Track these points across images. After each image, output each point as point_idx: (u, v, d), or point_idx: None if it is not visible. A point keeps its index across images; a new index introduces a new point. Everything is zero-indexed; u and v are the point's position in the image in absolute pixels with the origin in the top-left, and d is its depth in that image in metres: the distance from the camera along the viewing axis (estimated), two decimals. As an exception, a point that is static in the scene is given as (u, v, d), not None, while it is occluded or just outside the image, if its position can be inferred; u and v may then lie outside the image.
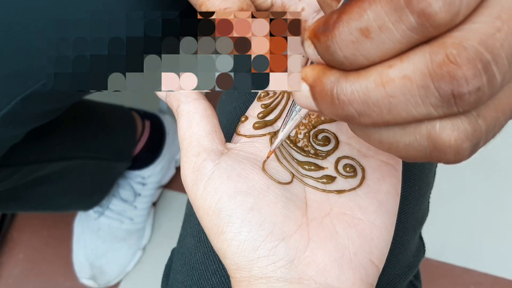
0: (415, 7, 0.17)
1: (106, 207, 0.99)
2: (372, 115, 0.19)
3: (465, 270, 0.96)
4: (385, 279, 0.41)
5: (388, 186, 0.31)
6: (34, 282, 1.02)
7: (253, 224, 0.28)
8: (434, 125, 0.19)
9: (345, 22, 0.18)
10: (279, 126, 0.34)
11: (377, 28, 0.18)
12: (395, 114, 0.19)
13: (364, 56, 0.18)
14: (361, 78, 0.19)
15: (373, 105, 0.19)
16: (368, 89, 0.19)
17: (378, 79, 0.18)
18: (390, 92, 0.18)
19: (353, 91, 0.19)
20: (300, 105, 0.22)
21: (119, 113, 0.95)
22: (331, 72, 0.20)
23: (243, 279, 0.28)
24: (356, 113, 0.19)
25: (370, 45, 0.18)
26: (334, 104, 0.20)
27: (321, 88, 0.20)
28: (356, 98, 0.19)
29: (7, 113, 0.51)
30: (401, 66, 0.18)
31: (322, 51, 0.20)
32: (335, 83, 0.20)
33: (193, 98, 0.32)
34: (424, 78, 0.17)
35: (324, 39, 0.19)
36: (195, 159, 0.30)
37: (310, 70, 0.21)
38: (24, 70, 0.49)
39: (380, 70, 0.18)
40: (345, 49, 0.19)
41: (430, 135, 0.19)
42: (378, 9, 0.17)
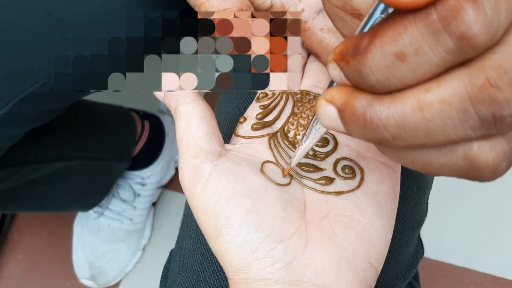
0: (454, 31, 0.16)
1: (106, 207, 0.99)
2: (408, 139, 0.19)
3: (465, 270, 0.96)
4: (384, 280, 0.41)
5: (386, 188, 0.31)
6: (34, 282, 1.02)
7: (251, 226, 0.28)
8: (471, 147, 0.19)
9: (379, 46, 0.18)
10: (278, 128, 0.34)
11: (413, 52, 0.17)
12: (432, 138, 0.18)
13: (399, 79, 0.18)
14: (396, 102, 0.18)
15: (409, 130, 0.18)
16: (404, 114, 0.18)
17: (415, 103, 0.18)
18: (429, 117, 0.18)
19: (388, 115, 0.19)
20: (326, 127, 0.21)
21: (119, 113, 0.95)
22: (362, 96, 0.19)
23: (241, 281, 0.27)
24: (390, 137, 0.19)
25: (405, 69, 0.18)
26: (367, 128, 0.19)
27: (352, 112, 0.20)
28: (392, 122, 0.19)
29: (6, 114, 0.51)
30: (439, 90, 0.18)
31: (351, 75, 0.19)
32: (368, 107, 0.19)
33: (191, 99, 0.32)
34: (464, 102, 0.17)
35: (354, 63, 0.19)
36: (193, 160, 0.30)
37: (337, 93, 0.20)
38: (22, 71, 0.49)
39: (417, 94, 0.18)
40: (378, 73, 0.18)
41: (467, 156, 0.19)
42: (414, 32, 0.17)
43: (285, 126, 0.34)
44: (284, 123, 0.34)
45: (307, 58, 0.38)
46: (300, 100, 0.35)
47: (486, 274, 0.95)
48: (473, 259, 0.97)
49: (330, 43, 0.35)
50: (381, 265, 0.30)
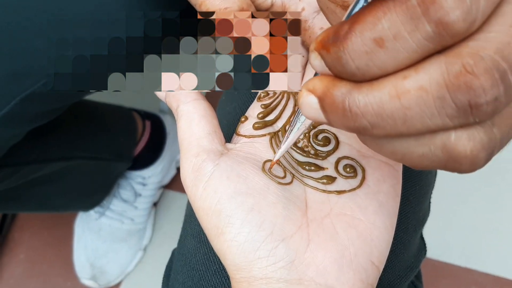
0: (432, 16, 0.16)
1: (107, 207, 0.99)
2: (386, 127, 0.19)
3: (467, 270, 0.96)
4: (386, 279, 0.41)
5: (388, 186, 0.31)
6: (35, 282, 1.02)
7: (253, 225, 0.28)
8: (449, 136, 0.18)
9: (358, 32, 0.18)
10: (279, 127, 0.34)
11: (391, 37, 0.17)
12: (410, 126, 0.18)
13: (378, 66, 0.18)
14: (374, 89, 0.18)
15: (387, 117, 0.18)
16: (382, 101, 0.18)
17: (392, 90, 0.18)
18: (406, 104, 0.18)
19: (366, 103, 0.18)
20: (308, 118, 0.21)
21: (120, 113, 0.95)
22: (341, 84, 0.19)
23: (243, 280, 0.27)
24: (369, 125, 0.19)
25: (384, 55, 0.18)
26: (346, 116, 0.19)
27: (331, 101, 0.20)
28: (370, 110, 0.18)
29: (7, 114, 0.51)
30: (417, 77, 0.17)
31: (331, 63, 0.19)
32: (347, 95, 0.19)
33: (193, 99, 0.32)
34: (441, 89, 0.17)
35: (334, 50, 0.19)
36: (195, 159, 0.30)
37: (318, 82, 0.20)
38: (23, 70, 0.49)
39: (394, 82, 0.18)
40: (357, 59, 0.18)
41: (445, 146, 0.19)
42: (394, 17, 0.17)
43: (286, 125, 0.34)
44: (286, 123, 0.34)
45: (308, 57, 0.38)
46: None
47: (488, 274, 0.95)
48: (475, 259, 0.97)
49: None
50: (383, 264, 0.30)
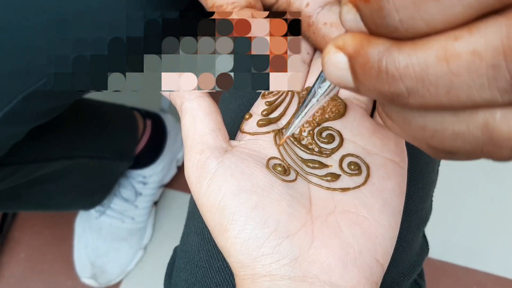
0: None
1: (107, 206, 0.99)
2: (426, 95, 0.16)
3: (468, 269, 0.96)
4: (390, 277, 0.41)
5: (393, 184, 0.31)
6: (35, 281, 1.02)
7: (257, 222, 0.28)
8: (493, 114, 0.16)
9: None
10: (283, 124, 0.34)
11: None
12: (453, 97, 0.16)
13: (426, 20, 0.15)
14: (419, 49, 0.16)
15: (429, 84, 0.16)
16: (427, 64, 0.16)
17: (441, 52, 0.16)
18: (454, 70, 0.15)
19: (407, 64, 0.16)
20: (332, 80, 0.18)
21: (120, 112, 0.95)
22: (379, 41, 0.17)
23: (247, 277, 0.27)
24: (406, 92, 0.17)
25: (435, 7, 0.15)
26: (381, 79, 0.17)
27: (365, 60, 0.17)
28: (411, 73, 0.16)
29: (8, 112, 0.51)
30: (470, 39, 0.15)
31: (370, 15, 0.17)
32: (385, 54, 0.17)
33: (197, 96, 0.32)
34: (497, 56, 0.15)
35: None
36: (199, 156, 0.30)
37: (350, 38, 0.18)
38: (25, 69, 0.49)
39: (444, 42, 0.16)
40: (403, 10, 0.16)
41: (487, 125, 0.16)
42: None
43: (290, 122, 0.34)
44: (290, 120, 0.34)
45: (313, 54, 0.38)
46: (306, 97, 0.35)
47: (489, 274, 0.95)
48: (476, 258, 0.97)
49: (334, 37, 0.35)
50: (387, 262, 0.29)
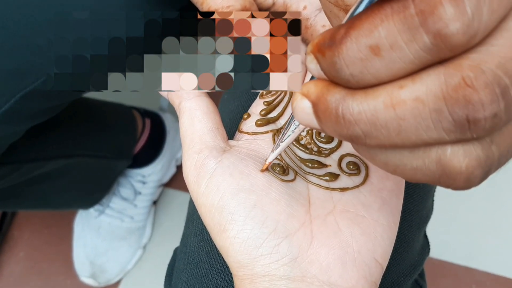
0: (431, 27, 0.15)
1: (107, 206, 0.99)
2: (380, 137, 0.18)
3: (467, 269, 0.96)
4: (391, 277, 0.41)
5: (391, 184, 0.31)
6: (34, 280, 1.02)
7: (256, 222, 0.28)
8: (444, 151, 0.18)
9: (354, 38, 0.17)
10: (282, 124, 0.34)
11: (388, 46, 0.16)
12: (404, 137, 0.18)
13: (373, 74, 0.17)
14: (369, 98, 0.18)
15: (381, 127, 0.18)
16: (376, 110, 0.17)
17: (387, 100, 0.17)
18: (401, 115, 0.17)
19: (360, 111, 0.18)
20: (301, 123, 0.20)
21: (119, 111, 0.95)
22: (336, 90, 0.19)
23: (246, 277, 0.27)
24: (362, 134, 0.18)
25: (379, 63, 0.17)
26: (339, 123, 0.19)
27: (325, 106, 0.19)
28: (363, 118, 0.18)
29: (7, 111, 0.51)
30: (413, 88, 0.17)
31: (326, 67, 0.18)
32: (341, 102, 0.18)
33: (195, 95, 0.32)
34: (438, 101, 0.16)
35: (329, 55, 0.18)
36: (197, 156, 0.30)
37: (313, 87, 0.20)
38: (23, 68, 0.49)
39: (390, 91, 0.17)
40: (352, 66, 0.17)
41: (440, 161, 0.18)
42: (391, 26, 0.16)
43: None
44: (287, 121, 0.34)
45: None
46: None
47: (488, 273, 0.95)
48: (475, 258, 0.97)
49: None
50: (387, 262, 0.29)
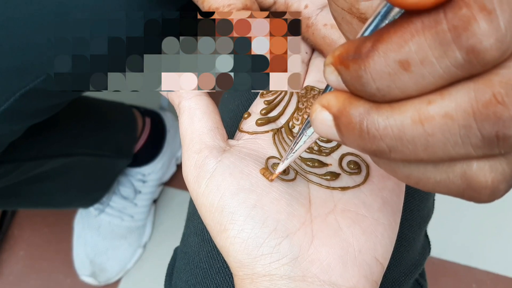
0: (464, 43, 0.15)
1: (107, 204, 0.99)
2: (405, 152, 0.18)
3: (467, 268, 0.96)
4: (391, 276, 0.41)
5: (392, 183, 0.31)
6: (34, 279, 1.02)
7: (257, 221, 0.28)
8: (470, 165, 0.18)
9: (382, 52, 0.17)
10: (282, 123, 0.34)
11: (418, 61, 0.16)
12: (431, 153, 0.17)
13: (400, 89, 0.17)
14: (395, 112, 0.17)
15: (407, 142, 0.17)
16: (403, 125, 0.17)
17: (415, 115, 0.17)
18: (429, 131, 0.17)
19: (386, 126, 0.17)
20: (321, 135, 0.20)
21: (120, 110, 0.95)
22: (359, 103, 0.18)
23: (246, 277, 0.27)
24: (387, 149, 0.18)
25: (408, 78, 0.17)
26: (363, 138, 0.18)
27: (348, 120, 0.18)
28: (389, 133, 0.17)
29: (6, 110, 0.51)
30: (442, 103, 0.16)
31: (350, 80, 0.18)
32: (365, 116, 0.18)
33: (195, 95, 0.32)
34: (467, 117, 0.16)
35: (354, 68, 0.18)
36: (197, 155, 0.30)
37: (333, 99, 0.19)
38: (23, 66, 0.49)
39: (418, 106, 0.17)
40: (379, 80, 0.17)
41: (465, 175, 0.18)
42: (422, 41, 0.16)
43: (289, 121, 0.34)
44: (289, 119, 0.34)
45: (311, 54, 0.38)
46: (305, 96, 0.35)
47: (488, 272, 0.95)
48: (475, 257, 0.97)
49: (334, 38, 0.35)
50: (387, 261, 0.29)
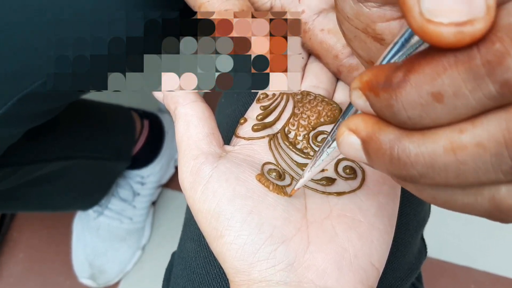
0: (498, 78, 0.15)
1: (105, 207, 0.99)
2: (436, 178, 0.18)
3: (466, 268, 0.96)
4: (387, 281, 0.41)
5: (388, 188, 0.31)
6: (34, 281, 1.02)
7: (253, 227, 0.28)
8: (498, 189, 0.18)
9: (414, 84, 0.17)
10: (278, 129, 0.34)
11: (451, 94, 0.16)
12: (462, 179, 0.18)
13: (432, 119, 0.17)
14: (427, 141, 0.18)
15: (439, 170, 0.18)
16: (435, 153, 0.17)
17: (447, 144, 0.17)
18: (461, 159, 0.17)
19: (417, 153, 0.18)
20: (347, 156, 0.20)
21: (118, 112, 0.95)
22: (389, 130, 0.18)
23: (243, 283, 0.27)
24: (417, 175, 0.18)
25: (440, 109, 0.17)
26: (393, 164, 0.18)
27: (377, 146, 0.19)
28: (421, 161, 0.18)
29: (4, 114, 0.51)
30: (474, 132, 0.17)
31: (380, 108, 0.18)
32: (396, 143, 0.18)
33: (191, 101, 0.32)
34: (499, 146, 0.16)
35: (385, 97, 0.18)
36: (193, 162, 0.30)
37: (362, 123, 0.19)
38: (20, 70, 0.49)
39: (450, 135, 0.17)
40: (411, 110, 0.17)
41: (494, 199, 0.18)
42: (455, 75, 0.16)
43: (285, 127, 0.33)
44: (285, 124, 0.34)
45: (307, 59, 0.38)
46: (301, 101, 0.34)
47: (487, 273, 0.95)
48: (474, 258, 0.97)
49: (331, 43, 0.35)
50: (383, 266, 0.29)
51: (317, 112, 0.34)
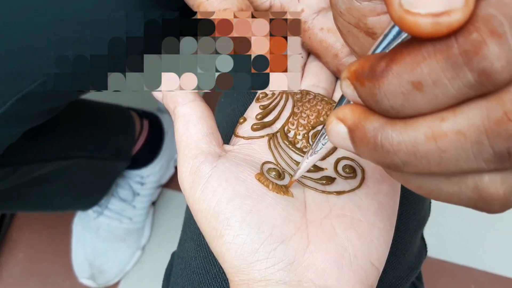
0: (475, 66, 0.16)
1: (105, 207, 0.99)
2: (418, 166, 0.18)
3: (466, 268, 0.96)
4: (387, 281, 0.41)
5: (387, 187, 0.31)
6: (34, 281, 1.02)
7: (252, 227, 0.27)
8: (481, 178, 0.18)
9: (396, 73, 0.17)
10: (278, 128, 0.34)
11: (431, 82, 0.17)
12: (444, 167, 0.18)
13: (414, 107, 0.17)
14: (409, 129, 0.18)
15: (421, 158, 0.18)
16: (417, 141, 0.18)
17: (429, 132, 0.17)
18: (442, 147, 0.17)
19: (400, 141, 0.18)
20: (335, 145, 0.21)
21: (118, 112, 0.95)
22: (374, 118, 0.19)
23: (242, 283, 0.27)
24: (400, 163, 0.18)
25: (421, 97, 0.17)
26: (377, 151, 0.19)
27: (362, 134, 0.19)
28: (403, 149, 0.18)
29: (4, 113, 0.51)
30: (455, 120, 0.17)
31: (365, 97, 0.19)
32: (380, 131, 0.19)
33: (190, 100, 0.32)
34: (479, 134, 0.17)
35: (369, 86, 0.18)
36: (192, 161, 0.30)
37: (349, 112, 0.20)
38: (19, 70, 0.49)
39: (431, 123, 0.18)
40: (393, 99, 0.18)
41: (477, 187, 0.18)
42: (434, 64, 0.16)
43: (285, 126, 0.33)
44: (284, 123, 0.34)
45: (307, 58, 0.38)
46: (300, 100, 0.34)
47: (487, 272, 0.96)
48: (474, 257, 0.97)
49: (331, 42, 0.35)
50: (383, 265, 0.29)
51: (316, 111, 0.34)
